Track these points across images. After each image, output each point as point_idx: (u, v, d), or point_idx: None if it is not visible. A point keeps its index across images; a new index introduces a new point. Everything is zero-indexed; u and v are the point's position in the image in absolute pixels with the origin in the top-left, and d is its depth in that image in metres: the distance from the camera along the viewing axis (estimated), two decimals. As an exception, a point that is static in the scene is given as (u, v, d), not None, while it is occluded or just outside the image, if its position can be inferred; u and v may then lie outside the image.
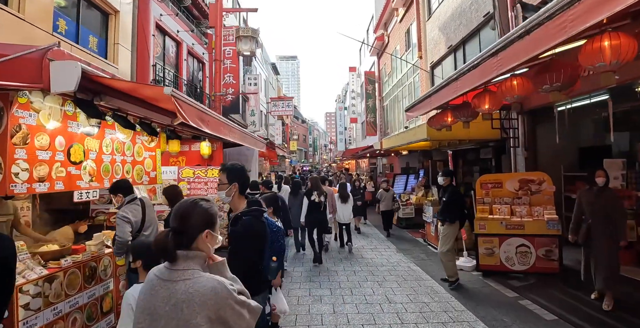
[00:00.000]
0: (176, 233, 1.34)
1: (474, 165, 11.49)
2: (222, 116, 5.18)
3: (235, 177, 2.45)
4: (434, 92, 5.00)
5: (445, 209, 5.43)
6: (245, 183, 2.51)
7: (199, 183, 8.05)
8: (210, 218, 1.42)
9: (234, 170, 2.48)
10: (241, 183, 2.48)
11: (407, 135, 8.94)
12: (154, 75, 9.68)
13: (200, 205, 1.41)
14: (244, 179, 2.51)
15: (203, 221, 1.38)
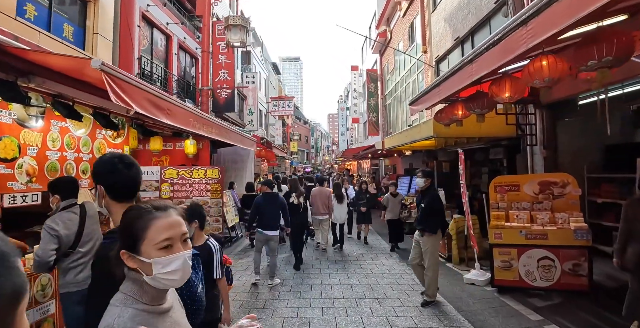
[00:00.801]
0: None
1: (483, 166, 10.75)
2: (195, 108, 4.48)
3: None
4: (444, 80, 4.29)
5: (424, 217, 4.70)
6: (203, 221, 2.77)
7: (183, 185, 7.36)
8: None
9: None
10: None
11: (411, 133, 8.21)
12: (139, 69, 9.02)
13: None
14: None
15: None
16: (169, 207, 1.16)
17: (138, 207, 1.12)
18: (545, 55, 3.10)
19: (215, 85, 13.54)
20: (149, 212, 1.07)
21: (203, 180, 7.43)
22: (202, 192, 7.40)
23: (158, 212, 1.08)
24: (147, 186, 7.27)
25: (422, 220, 4.73)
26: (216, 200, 7.41)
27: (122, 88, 2.40)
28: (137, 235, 1.02)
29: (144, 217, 1.06)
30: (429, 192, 4.88)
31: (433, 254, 4.67)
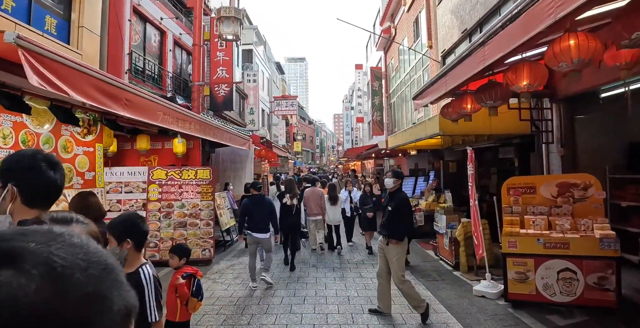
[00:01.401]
0: None
1: (492, 166, 10.19)
2: (167, 100, 3.98)
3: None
4: (451, 68, 3.79)
5: (390, 222, 4.27)
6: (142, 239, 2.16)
7: (172, 186, 6.94)
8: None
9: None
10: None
11: (415, 131, 7.70)
12: (130, 65, 8.62)
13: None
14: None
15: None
16: (74, 221, 0.99)
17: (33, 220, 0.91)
18: (572, 33, 2.59)
19: (213, 83, 13.14)
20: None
21: (193, 181, 7.00)
22: (193, 194, 6.97)
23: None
24: (134, 188, 6.86)
25: (388, 225, 4.31)
26: (207, 203, 6.97)
27: (52, 69, 1.94)
28: None
29: None
30: (398, 194, 4.42)
31: (400, 265, 4.24)
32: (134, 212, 2.85)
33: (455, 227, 6.30)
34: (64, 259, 0.35)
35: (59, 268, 0.34)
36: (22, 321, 0.30)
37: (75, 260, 0.35)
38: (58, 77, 1.98)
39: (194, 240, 6.79)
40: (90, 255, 0.37)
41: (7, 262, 0.32)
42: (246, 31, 24.61)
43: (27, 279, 0.32)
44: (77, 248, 0.37)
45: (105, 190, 4.79)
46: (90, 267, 0.36)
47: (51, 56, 1.95)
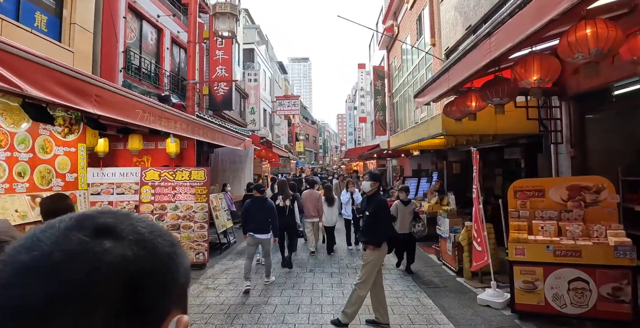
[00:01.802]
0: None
1: (496, 167, 9.90)
2: (148, 98, 3.75)
3: None
4: (455, 63, 3.52)
5: (368, 227, 4.14)
6: None
7: (166, 188, 6.72)
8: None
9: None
10: None
11: (417, 131, 7.43)
12: (125, 63, 8.41)
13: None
14: None
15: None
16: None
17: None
18: (590, 20, 2.32)
19: (212, 82, 12.95)
20: None
21: (187, 182, 6.78)
22: (187, 196, 6.74)
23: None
24: (126, 189, 6.64)
25: (365, 230, 4.19)
26: (201, 205, 6.75)
27: (1, 60, 1.70)
28: None
29: None
30: (375, 197, 4.23)
31: (372, 271, 4.02)
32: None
33: (458, 231, 6.02)
34: (145, 229, 0.45)
35: (145, 234, 0.44)
36: (132, 275, 0.40)
37: (152, 230, 0.46)
38: (9, 69, 1.75)
39: (187, 243, 6.57)
40: (157, 226, 0.47)
41: (106, 233, 0.41)
42: (248, 30, 24.44)
43: (126, 245, 0.41)
44: (148, 222, 0.47)
45: (88, 192, 4.57)
46: (163, 235, 0.47)
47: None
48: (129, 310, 0.38)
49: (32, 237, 0.40)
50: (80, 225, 0.41)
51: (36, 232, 0.41)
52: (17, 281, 0.36)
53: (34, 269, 0.37)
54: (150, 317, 0.41)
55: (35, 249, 0.38)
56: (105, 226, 0.41)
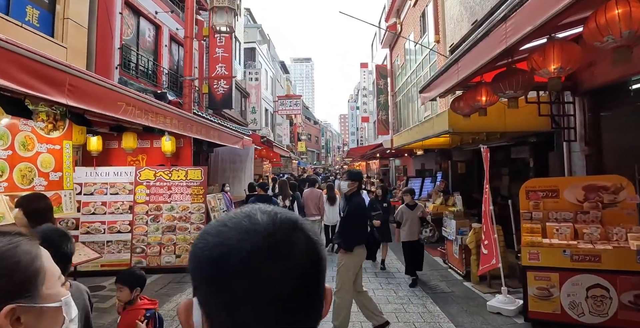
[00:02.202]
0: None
1: (503, 166, 9.62)
2: (137, 92, 3.50)
3: None
4: (464, 54, 3.26)
5: (343, 229, 3.95)
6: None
7: (161, 188, 6.49)
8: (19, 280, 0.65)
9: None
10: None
11: (422, 129, 7.16)
12: (121, 60, 8.20)
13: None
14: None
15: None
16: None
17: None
18: (620, 1, 2.06)
19: (212, 80, 12.72)
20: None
21: (184, 182, 6.55)
22: (183, 196, 6.51)
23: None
24: (120, 189, 6.42)
25: (340, 232, 4.00)
26: (198, 205, 6.51)
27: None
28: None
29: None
30: (353, 198, 3.97)
31: (345, 276, 3.77)
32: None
33: (465, 233, 5.76)
34: (306, 225, 0.56)
35: (314, 230, 0.57)
36: (318, 255, 0.53)
37: (312, 227, 0.58)
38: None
39: (183, 246, 6.34)
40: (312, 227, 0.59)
41: (297, 229, 0.53)
42: (249, 30, 24.23)
43: (309, 237, 0.54)
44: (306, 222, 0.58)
45: (74, 192, 4.34)
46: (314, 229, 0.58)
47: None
48: (319, 278, 0.55)
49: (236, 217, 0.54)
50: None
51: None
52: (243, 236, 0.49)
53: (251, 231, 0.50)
54: (323, 292, 0.55)
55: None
56: (298, 222, 0.56)
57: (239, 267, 0.47)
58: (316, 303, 0.53)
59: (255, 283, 0.47)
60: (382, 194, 6.99)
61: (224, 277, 0.48)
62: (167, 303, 4.78)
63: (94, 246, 6.13)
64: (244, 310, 0.47)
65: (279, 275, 0.48)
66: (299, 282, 0.49)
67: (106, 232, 6.23)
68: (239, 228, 0.50)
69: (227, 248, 0.49)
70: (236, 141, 7.03)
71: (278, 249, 0.49)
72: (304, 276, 0.50)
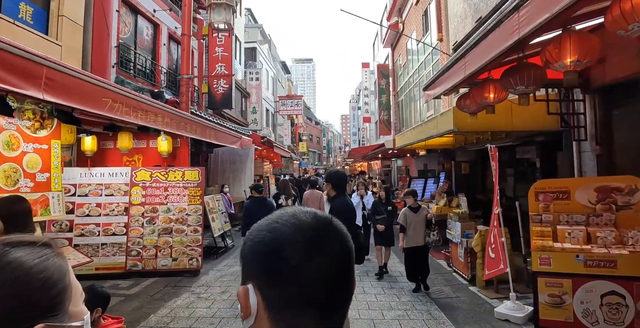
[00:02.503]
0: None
1: (508, 167, 9.42)
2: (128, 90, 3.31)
3: None
4: (472, 47, 3.08)
5: None
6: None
7: (157, 189, 6.33)
8: (37, 293, 0.59)
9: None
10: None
11: (425, 129, 6.98)
12: (118, 59, 8.04)
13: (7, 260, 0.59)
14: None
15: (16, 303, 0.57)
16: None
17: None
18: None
19: (212, 79, 12.57)
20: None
21: (180, 183, 6.38)
22: (179, 197, 6.34)
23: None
24: (116, 190, 6.25)
25: None
26: (195, 207, 6.34)
27: None
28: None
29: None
30: (336, 199, 3.72)
31: None
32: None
33: (471, 235, 5.57)
34: (339, 224, 0.65)
35: (343, 226, 0.65)
36: (349, 245, 0.63)
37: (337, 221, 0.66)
38: None
39: (180, 248, 6.17)
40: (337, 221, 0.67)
41: (333, 225, 0.63)
42: (250, 29, 24.09)
43: (342, 231, 0.64)
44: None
45: (63, 193, 4.17)
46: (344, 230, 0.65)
47: None
48: (352, 265, 0.66)
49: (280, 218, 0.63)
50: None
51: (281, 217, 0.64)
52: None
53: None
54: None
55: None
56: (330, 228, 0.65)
57: (291, 256, 0.57)
58: (351, 284, 0.62)
59: (303, 268, 0.57)
60: (386, 196, 6.55)
61: (279, 264, 0.57)
62: (162, 309, 4.60)
63: (88, 249, 5.99)
64: (292, 290, 0.57)
65: (322, 262, 0.58)
66: (336, 267, 0.60)
67: (101, 234, 6.06)
68: (290, 225, 0.60)
69: (281, 241, 0.59)
70: (234, 141, 6.85)
71: (321, 241, 0.60)
72: (340, 262, 0.61)
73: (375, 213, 6.29)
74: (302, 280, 0.57)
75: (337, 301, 0.60)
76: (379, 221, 6.12)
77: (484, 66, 3.03)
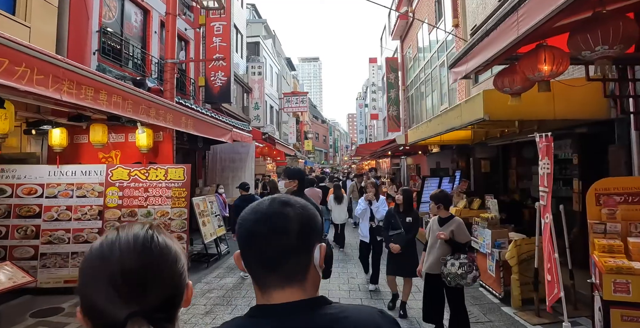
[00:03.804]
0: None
1: (534, 164, 8.44)
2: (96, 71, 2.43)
3: None
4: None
5: None
6: None
7: (136, 189, 5.52)
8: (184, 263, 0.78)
9: None
10: None
11: (445, 119, 6.04)
12: (100, 45, 7.24)
13: (166, 242, 0.73)
14: None
15: (182, 274, 0.74)
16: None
17: None
18: None
19: (209, 72, 11.77)
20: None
21: (163, 182, 5.56)
22: (162, 199, 5.52)
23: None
24: (89, 191, 5.44)
25: None
26: (179, 211, 5.52)
27: None
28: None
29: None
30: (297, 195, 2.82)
31: None
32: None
33: (503, 245, 4.66)
34: (300, 201, 0.84)
35: (301, 203, 0.83)
36: (313, 218, 0.82)
37: (303, 200, 0.85)
38: None
39: (162, 258, 5.33)
40: (305, 202, 0.85)
41: (287, 205, 0.81)
42: (254, 25, 23.28)
43: (296, 209, 0.81)
44: (299, 199, 0.86)
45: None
46: (309, 205, 0.84)
47: None
48: (304, 238, 0.78)
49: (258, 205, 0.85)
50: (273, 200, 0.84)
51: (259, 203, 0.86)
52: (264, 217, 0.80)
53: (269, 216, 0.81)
54: (311, 242, 0.80)
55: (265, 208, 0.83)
56: (287, 200, 0.84)
57: (250, 231, 0.80)
58: (303, 254, 0.79)
59: (256, 240, 0.79)
60: (406, 202, 4.43)
61: (244, 237, 0.81)
62: None
63: (56, 259, 5.21)
64: (251, 255, 0.80)
65: (270, 234, 0.78)
66: (287, 239, 0.77)
67: (71, 241, 5.27)
68: (252, 208, 0.84)
69: (245, 220, 0.82)
70: (222, 133, 5.99)
71: (271, 218, 0.79)
72: (291, 234, 0.78)
73: (389, 226, 4.51)
74: (252, 247, 0.79)
75: (281, 262, 0.77)
76: (392, 238, 4.38)
77: (547, 19, 2.12)
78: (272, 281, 0.76)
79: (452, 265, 3.34)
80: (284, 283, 0.76)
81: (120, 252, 0.64)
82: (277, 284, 0.76)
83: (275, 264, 0.76)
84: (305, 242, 0.78)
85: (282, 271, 0.76)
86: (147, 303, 0.61)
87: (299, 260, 0.77)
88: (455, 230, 3.51)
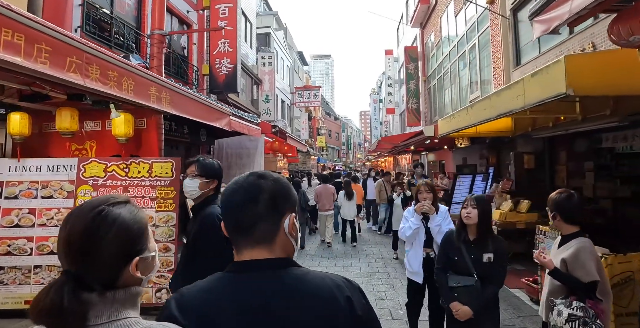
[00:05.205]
0: (77, 281, 0.81)
1: (586, 159, 7.18)
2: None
3: None
4: None
5: (185, 267, 2.51)
6: None
7: (114, 188, 4.47)
8: (136, 238, 0.88)
9: None
10: None
11: (498, 102, 4.74)
12: (83, 20, 6.25)
13: (114, 217, 0.85)
14: None
15: (124, 247, 0.85)
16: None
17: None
18: None
19: (213, 59, 10.74)
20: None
21: (146, 180, 4.50)
22: (145, 201, 4.47)
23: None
24: (56, 191, 4.42)
25: (180, 271, 2.75)
26: (166, 215, 4.46)
27: None
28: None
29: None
30: (201, 211, 2.20)
31: None
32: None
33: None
34: (274, 175, 1.00)
35: (275, 177, 0.99)
36: (284, 190, 0.99)
37: (278, 175, 1.01)
38: None
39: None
40: (278, 176, 1.00)
41: (262, 177, 0.99)
42: (264, 16, 22.23)
43: (268, 181, 0.97)
44: (274, 173, 1.03)
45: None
46: (283, 178, 1.00)
47: None
48: (273, 207, 0.93)
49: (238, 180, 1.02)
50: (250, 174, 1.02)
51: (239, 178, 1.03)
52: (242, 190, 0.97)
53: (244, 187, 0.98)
54: (281, 211, 0.94)
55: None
56: (263, 174, 1.01)
57: (228, 199, 0.97)
58: (272, 221, 0.94)
59: (232, 207, 0.95)
60: (482, 224, 2.50)
61: (224, 204, 0.98)
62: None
63: (16, 273, 4.23)
64: (228, 220, 0.96)
65: (243, 203, 0.93)
66: (257, 208, 0.92)
67: (34, 252, 4.26)
68: (235, 180, 1.01)
69: (226, 190, 0.98)
70: (217, 117, 4.88)
71: (246, 189, 0.96)
72: (261, 203, 0.93)
73: (449, 267, 2.61)
74: (229, 213, 0.95)
75: (252, 227, 0.92)
76: (455, 292, 2.50)
77: None
78: (244, 242, 0.93)
79: (558, 314, 2.07)
80: (254, 244, 0.92)
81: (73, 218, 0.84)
82: (248, 245, 0.93)
83: (247, 228, 0.92)
84: (275, 210, 0.94)
85: (253, 235, 0.92)
86: (74, 265, 0.82)
87: (268, 226, 0.93)
88: (569, 259, 2.16)
